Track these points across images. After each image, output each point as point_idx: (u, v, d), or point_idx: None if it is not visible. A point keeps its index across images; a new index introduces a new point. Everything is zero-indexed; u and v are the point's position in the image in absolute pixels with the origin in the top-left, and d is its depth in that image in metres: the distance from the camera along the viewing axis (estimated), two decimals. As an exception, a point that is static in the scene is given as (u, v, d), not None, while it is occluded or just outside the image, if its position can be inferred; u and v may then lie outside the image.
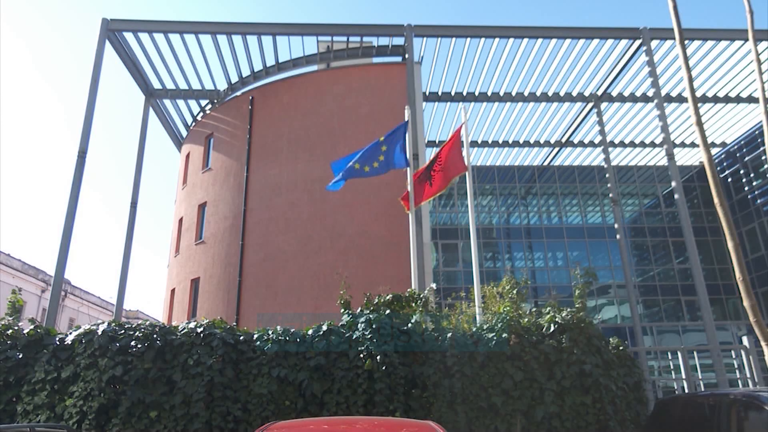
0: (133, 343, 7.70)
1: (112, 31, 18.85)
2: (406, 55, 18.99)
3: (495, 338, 7.79)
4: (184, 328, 8.03)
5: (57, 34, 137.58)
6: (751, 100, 24.57)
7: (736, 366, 12.59)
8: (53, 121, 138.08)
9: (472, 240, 10.51)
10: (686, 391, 11.05)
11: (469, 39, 19.66)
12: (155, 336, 7.82)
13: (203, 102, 23.92)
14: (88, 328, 8.02)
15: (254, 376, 7.65)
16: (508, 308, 8.46)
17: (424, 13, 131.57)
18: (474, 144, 27.81)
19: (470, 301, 9.95)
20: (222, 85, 22.75)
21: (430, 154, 28.14)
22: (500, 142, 28.10)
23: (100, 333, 7.79)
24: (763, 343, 3.36)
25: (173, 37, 19.45)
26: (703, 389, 12.50)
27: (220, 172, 21.04)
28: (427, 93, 23.02)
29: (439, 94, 23.32)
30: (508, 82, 22.55)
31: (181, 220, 22.50)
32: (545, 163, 32.32)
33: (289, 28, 19.33)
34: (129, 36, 19.40)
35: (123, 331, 7.88)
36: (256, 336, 8.02)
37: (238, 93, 22.43)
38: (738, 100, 24.62)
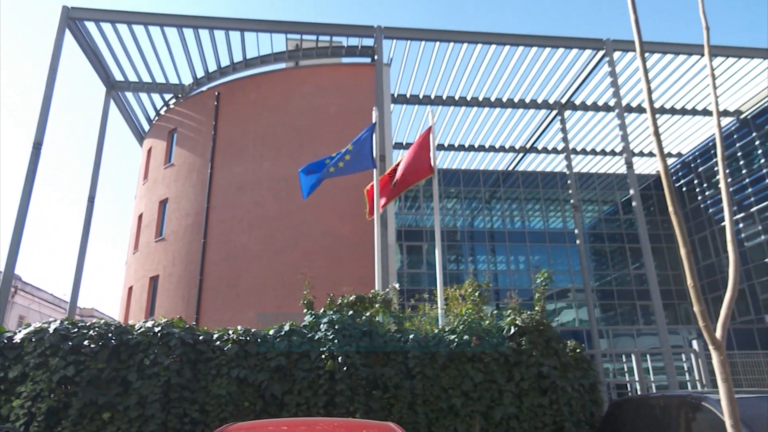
0: (86, 342, 7.45)
1: (73, 20, 18.26)
2: (375, 57, 19.03)
3: (456, 340, 7.86)
4: (141, 327, 7.81)
5: (13, 20, 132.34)
6: (706, 113, 25.57)
7: (686, 369, 13.06)
8: (6, 110, 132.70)
9: (436, 242, 10.58)
10: (639, 392, 11.39)
11: (438, 43, 19.84)
12: (110, 335, 7.59)
13: (167, 96, 23.42)
14: (39, 327, 7.73)
15: (213, 376, 7.51)
16: (470, 310, 8.55)
17: (393, 16, 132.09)
18: (440, 147, 28.07)
19: (433, 302, 10.02)
20: (187, 80, 22.32)
21: (397, 155, 28.24)
22: (466, 146, 28.45)
23: (51, 331, 7.51)
24: (711, 347, 3.49)
25: (137, 29, 18.99)
26: (654, 391, 12.91)
27: (183, 168, 20.62)
28: (396, 95, 23.12)
29: (408, 96, 23.46)
30: (475, 87, 22.86)
31: (140, 216, 21.94)
32: (509, 168, 32.87)
33: (258, 25, 19.11)
34: (90, 25, 18.83)
35: (76, 330, 7.62)
36: (216, 336, 7.88)
37: (204, 88, 22.03)
38: (694, 112, 25.59)
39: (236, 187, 19.16)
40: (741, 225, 28.37)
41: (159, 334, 7.67)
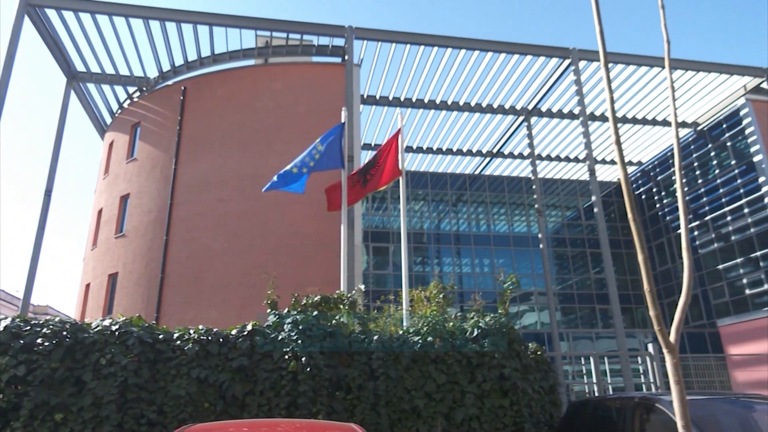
0: (39, 340, 7.18)
1: (33, 7, 17.63)
2: (346, 57, 18.99)
3: (420, 341, 7.91)
4: (98, 326, 7.58)
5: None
6: (665, 123, 26.44)
7: (641, 371, 13.45)
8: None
9: (402, 244, 10.62)
10: (596, 394, 11.68)
11: (409, 45, 19.93)
12: (65, 333, 7.34)
13: (131, 89, 22.83)
14: (-11, 324, 7.42)
15: (172, 376, 7.35)
16: (434, 312, 8.61)
17: (363, 18, 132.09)
18: (409, 149, 28.20)
19: (399, 304, 10.05)
20: (152, 73, 21.81)
21: (366, 156, 28.28)
22: (434, 149, 28.66)
23: (1, 329, 7.21)
24: (665, 351, 3.60)
25: (101, 18, 18.47)
26: (611, 392, 13.26)
27: (146, 163, 20.14)
28: (365, 96, 23.12)
29: (377, 97, 23.48)
30: (445, 91, 23.05)
31: (100, 212, 21.32)
32: (476, 172, 33.27)
33: (227, 20, 18.84)
34: (51, 13, 18.21)
35: (29, 328, 7.34)
36: (176, 335, 7.72)
37: (170, 82, 21.58)
38: (654, 122, 26.42)
39: (201, 184, 18.83)
40: (696, 233, 29.40)
41: (116, 333, 7.46)
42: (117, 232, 19.78)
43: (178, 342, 7.61)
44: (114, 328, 7.52)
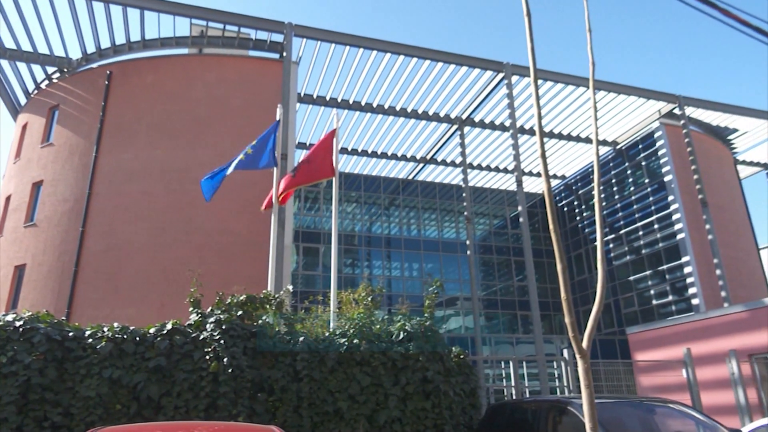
0: (-71, 335, 6.58)
1: (-60, -29, 16.18)
2: (284, 53, 18.73)
3: (346, 344, 7.89)
4: (0, 321, 7.04)
5: None
6: (588, 140, 27.93)
7: (556, 375, 14.07)
8: None
9: (333, 245, 10.56)
10: (514, 397, 12.11)
11: (348, 47, 19.92)
12: (-40, 328, 6.76)
13: (50, 69, 21.40)
14: None
15: (82, 376, 6.91)
16: (361, 314, 8.62)
17: (302, 16, 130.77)
18: (343, 151, 28.17)
19: (327, 305, 9.99)
20: (75, 54, 20.59)
21: (300, 155, 27.97)
22: (369, 152, 28.79)
23: None
24: (577, 356, 3.79)
25: (19, -9, 17.23)
26: (528, 395, 13.79)
27: (63, 149, 18.93)
28: (302, 94, 22.88)
29: (314, 97, 23.30)
30: (382, 95, 23.22)
31: (8, 198, 19.81)
32: (409, 177, 33.71)
33: (161, 5, 18.09)
34: (-38, -20, 16.80)
35: None
36: (88, 332, 7.28)
37: (94, 65, 20.43)
38: (578, 139, 27.84)
39: (124, 175, 17.92)
40: (611, 245, 31.20)
41: (21, 329, 6.94)
42: (27, 221, 18.46)
43: (90, 340, 7.19)
44: (18, 323, 6.99)
